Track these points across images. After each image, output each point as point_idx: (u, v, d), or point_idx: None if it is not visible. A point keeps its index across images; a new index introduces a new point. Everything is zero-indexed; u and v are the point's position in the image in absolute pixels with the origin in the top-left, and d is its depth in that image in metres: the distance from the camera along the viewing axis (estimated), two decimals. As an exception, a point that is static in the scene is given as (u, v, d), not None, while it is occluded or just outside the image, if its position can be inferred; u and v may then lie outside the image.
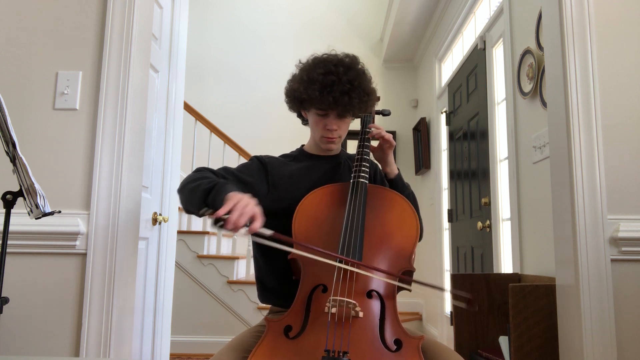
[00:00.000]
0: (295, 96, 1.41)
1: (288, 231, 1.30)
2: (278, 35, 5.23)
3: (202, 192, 1.22)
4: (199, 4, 5.26)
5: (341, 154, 1.56)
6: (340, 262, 1.18)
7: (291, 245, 1.22)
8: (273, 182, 1.42)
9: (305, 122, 1.54)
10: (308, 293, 1.21)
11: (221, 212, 1.07)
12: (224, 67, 5.18)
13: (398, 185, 1.48)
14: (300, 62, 1.47)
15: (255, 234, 1.11)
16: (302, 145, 1.58)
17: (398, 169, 1.51)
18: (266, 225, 1.14)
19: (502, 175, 2.78)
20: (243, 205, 1.09)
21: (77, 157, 1.54)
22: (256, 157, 1.48)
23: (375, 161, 1.56)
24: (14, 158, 1.15)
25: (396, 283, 1.22)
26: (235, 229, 1.06)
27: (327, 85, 1.34)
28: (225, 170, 1.40)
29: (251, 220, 1.09)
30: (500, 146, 2.82)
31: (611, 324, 1.48)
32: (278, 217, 1.35)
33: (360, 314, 1.14)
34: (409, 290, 1.29)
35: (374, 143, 1.52)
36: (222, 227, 1.07)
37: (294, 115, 1.56)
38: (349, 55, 1.44)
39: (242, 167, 1.44)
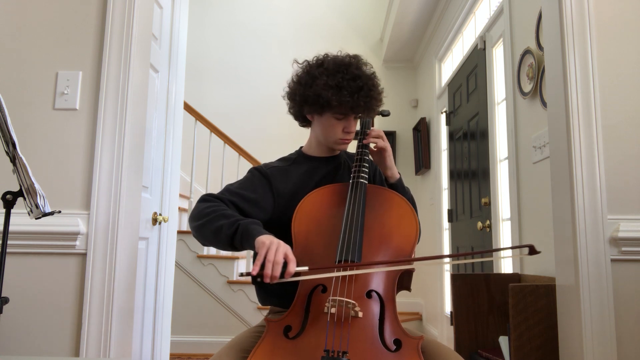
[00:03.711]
0: (320, 102, 1.37)
1: (290, 235, 1.31)
2: (278, 35, 5.23)
3: (227, 238, 1.24)
4: (198, 4, 5.26)
5: (341, 154, 1.56)
6: (343, 269, 1.19)
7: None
8: (277, 192, 1.41)
9: (303, 125, 1.53)
10: (307, 293, 1.21)
11: (255, 271, 1.09)
12: (224, 67, 5.18)
13: (398, 189, 1.47)
14: (307, 66, 1.44)
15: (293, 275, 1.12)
16: (301, 148, 1.57)
17: (399, 174, 1.51)
18: (274, 233, 1.16)
19: (502, 175, 2.78)
20: (273, 254, 1.10)
21: (77, 157, 1.54)
22: (256, 169, 1.46)
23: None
24: (14, 158, 1.15)
25: (403, 267, 1.22)
26: (274, 280, 1.09)
27: (356, 91, 1.36)
28: (229, 192, 1.38)
29: (285, 264, 1.11)
30: (500, 146, 2.82)
31: (611, 324, 1.48)
32: (286, 226, 1.34)
33: (360, 314, 1.14)
34: (409, 290, 1.29)
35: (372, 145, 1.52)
36: (262, 282, 1.10)
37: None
38: (355, 56, 1.44)
39: (244, 183, 1.42)
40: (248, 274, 1.10)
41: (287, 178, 1.45)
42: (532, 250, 1.07)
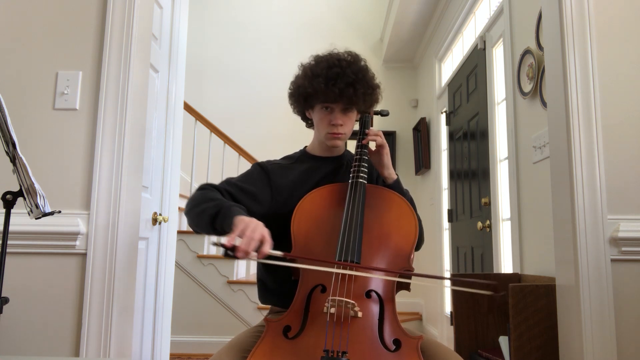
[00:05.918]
0: (300, 92, 1.42)
1: (289, 233, 1.30)
2: (278, 35, 5.23)
3: (209, 218, 1.24)
4: (199, 4, 5.26)
5: (344, 154, 1.55)
6: (341, 268, 1.18)
7: (295, 260, 1.23)
8: (276, 187, 1.42)
9: (309, 124, 1.54)
10: (307, 293, 1.21)
11: (229, 242, 1.08)
12: (224, 67, 5.18)
13: (395, 190, 1.47)
14: (301, 64, 1.48)
15: (266, 257, 1.12)
16: (305, 147, 1.58)
17: (397, 175, 1.50)
18: (271, 228, 1.16)
19: (502, 175, 2.78)
20: (251, 231, 1.10)
21: (77, 157, 1.54)
22: (258, 164, 1.48)
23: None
24: (14, 158, 1.15)
25: (396, 279, 1.22)
26: (245, 256, 1.08)
27: (332, 78, 1.36)
28: (228, 183, 1.39)
29: (260, 243, 1.10)
30: (500, 146, 2.82)
31: (611, 324, 1.48)
32: (283, 221, 1.35)
33: (359, 314, 1.14)
34: (408, 290, 1.29)
35: (372, 145, 1.51)
36: (233, 256, 1.08)
37: (295, 115, 1.56)
38: (351, 52, 1.46)
39: (244, 176, 1.44)
40: (222, 244, 1.08)
41: (287, 174, 1.45)
42: (495, 289, 1.13)
